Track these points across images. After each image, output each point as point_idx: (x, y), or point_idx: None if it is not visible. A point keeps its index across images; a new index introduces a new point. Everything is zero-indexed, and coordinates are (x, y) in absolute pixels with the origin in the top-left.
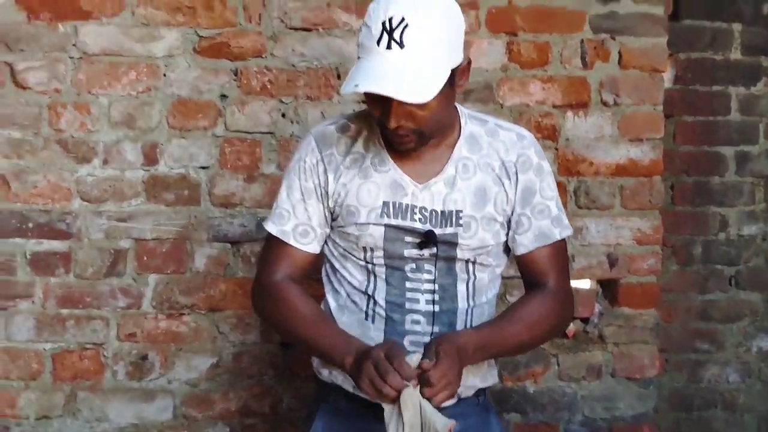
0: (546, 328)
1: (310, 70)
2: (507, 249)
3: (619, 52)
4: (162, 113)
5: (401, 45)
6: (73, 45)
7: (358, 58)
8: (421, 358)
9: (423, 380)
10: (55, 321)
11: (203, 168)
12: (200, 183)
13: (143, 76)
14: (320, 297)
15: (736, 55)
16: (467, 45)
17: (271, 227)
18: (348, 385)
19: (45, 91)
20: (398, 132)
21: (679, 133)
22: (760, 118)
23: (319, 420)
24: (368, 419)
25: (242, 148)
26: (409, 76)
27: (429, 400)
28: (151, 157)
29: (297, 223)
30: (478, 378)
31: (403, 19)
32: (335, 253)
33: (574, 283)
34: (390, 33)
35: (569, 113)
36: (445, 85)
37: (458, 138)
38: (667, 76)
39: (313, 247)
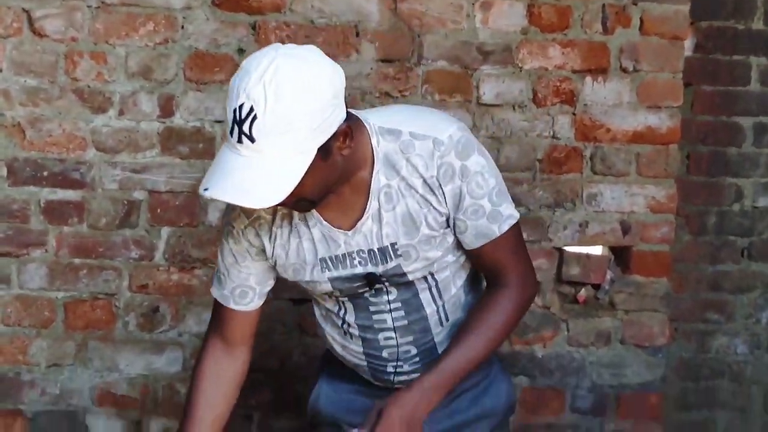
0: (508, 328)
1: (329, 27)
2: None
3: (641, 18)
4: (179, 65)
5: (251, 139)
6: None
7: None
8: None
9: None
10: (67, 270)
11: (218, 122)
12: (215, 137)
13: (161, 27)
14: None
15: (758, 25)
16: (486, 6)
17: (213, 290)
18: (348, 363)
19: (62, 39)
20: (284, 203)
21: (697, 102)
22: None
23: (322, 380)
24: (369, 392)
25: None
26: (259, 175)
27: None
28: (166, 109)
29: (234, 285)
30: None
31: (251, 110)
32: None
33: (587, 249)
34: (240, 125)
35: (588, 78)
36: (317, 159)
37: (373, 165)
38: (688, 44)
39: (255, 305)
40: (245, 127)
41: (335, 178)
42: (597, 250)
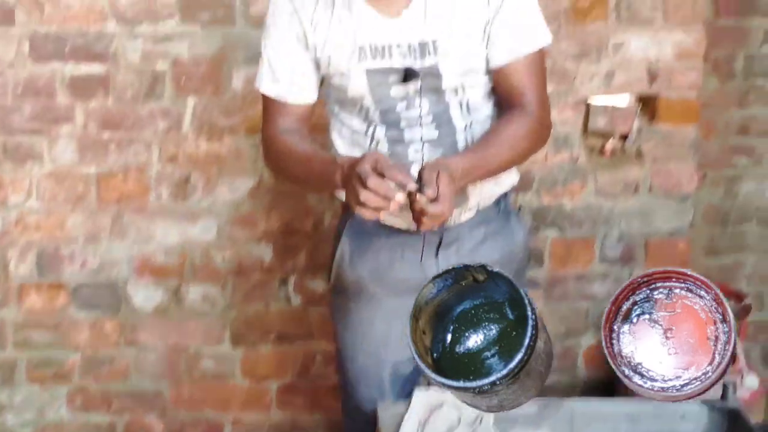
0: (526, 146)
1: None
2: None
3: None
4: None
5: None
6: None
7: None
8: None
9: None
10: (97, 144)
11: None
12: (234, 3)
13: None
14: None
15: None
16: None
17: (264, 86)
18: None
19: None
20: None
21: None
22: None
23: (345, 236)
24: (395, 234)
25: None
26: None
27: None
28: None
29: (289, 77)
30: (492, 183)
31: None
32: (332, 97)
33: (613, 99)
34: None
35: None
36: None
37: None
38: None
39: (310, 96)
40: None
41: None
42: (623, 99)
